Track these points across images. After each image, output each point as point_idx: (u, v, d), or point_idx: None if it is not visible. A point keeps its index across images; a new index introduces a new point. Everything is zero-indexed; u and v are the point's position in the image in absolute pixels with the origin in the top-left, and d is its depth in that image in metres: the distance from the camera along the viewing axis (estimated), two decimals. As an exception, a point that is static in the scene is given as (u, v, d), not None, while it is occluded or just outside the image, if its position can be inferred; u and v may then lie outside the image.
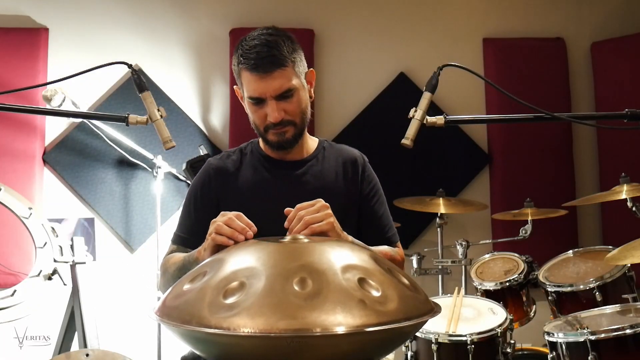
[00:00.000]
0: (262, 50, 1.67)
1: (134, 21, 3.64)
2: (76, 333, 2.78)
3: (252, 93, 1.71)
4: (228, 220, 1.42)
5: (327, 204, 1.51)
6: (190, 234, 1.80)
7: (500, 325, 2.37)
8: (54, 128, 3.50)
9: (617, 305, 2.38)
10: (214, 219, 1.46)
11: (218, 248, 1.41)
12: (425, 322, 1.16)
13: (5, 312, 2.57)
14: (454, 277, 3.45)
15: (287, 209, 1.50)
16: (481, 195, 3.81)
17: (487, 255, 3.14)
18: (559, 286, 2.70)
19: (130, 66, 1.59)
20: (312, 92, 1.82)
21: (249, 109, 1.76)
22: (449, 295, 2.68)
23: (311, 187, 1.80)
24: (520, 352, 2.82)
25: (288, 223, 1.48)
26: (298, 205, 1.49)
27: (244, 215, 1.45)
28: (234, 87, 1.83)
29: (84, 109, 3.25)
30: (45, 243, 2.81)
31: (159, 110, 1.61)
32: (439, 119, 1.58)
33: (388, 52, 3.84)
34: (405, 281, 1.20)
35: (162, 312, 1.17)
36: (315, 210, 1.48)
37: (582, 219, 3.87)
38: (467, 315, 2.51)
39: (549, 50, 3.89)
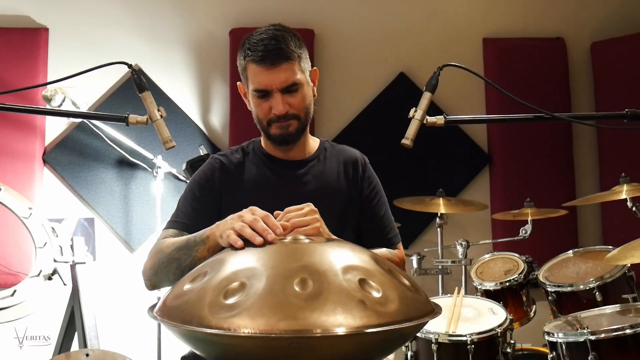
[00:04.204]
0: (269, 43, 1.69)
1: (134, 21, 3.64)
2: (76, 333, 2.78)
3: (257, 85, 1.71)
4: (253, 221, 1.35)
5: (316, 208, 1.49)
6: (191, 220, 1.74)
7: (500, 325, 2.37)
8: (54, 128, 3.50)
9: (617, 305, 2.38)
10: (241, 212, 1.40)
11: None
12: (425, 323, 1.16)
13: (5, 312, 2.58)
14: (454, 277, 3.45)
15: (276, 212, 1.48)
16: (481, 195, 3.81)
17: (487, 255, 3.14)
18: (559, 286, 2.70)
19: (130, 66, 1.59)
20: (315, 91, 1.82)
21: (253, 102, 1.76)
22: (449, 295, 2.68)
23: (312, 187, 1.80)
24: (520, 352, 2.82)
25: None
26: (287, 209, 1.48)
27: (272, 217, 1.39)
28: (238, 83, 1.83)
29: (84, 109, 3.25)
30: (45, 243, 2.81)
31: (159, 110, 1.61)
32: (439, 119, 1.58)
33: (388, 52, 3.84)
34: (406, 282, 1.20)
35: (163, 312, 1.17)
36: (302, 214, 1.46)
37: (582, 219, 3.87)
38: (467, 315, 2.51)
39: (549, 50, 3.89)
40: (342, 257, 1.18)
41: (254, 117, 1.80)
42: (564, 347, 2.16)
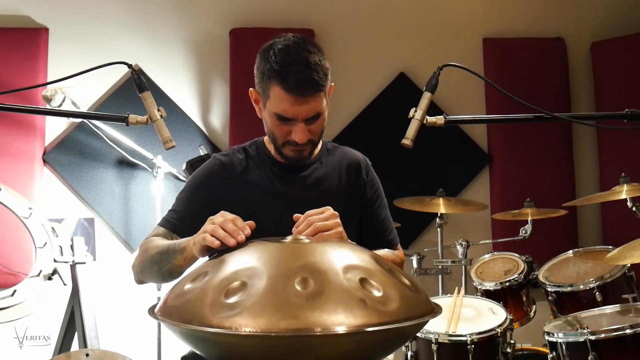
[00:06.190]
0: (302, 71, 1.61)
1: (134, 21, 3.64)
2: (76, 333, 2.78)
3: (282, 112, 1.65)
4: (224, 222, 1.37)
5: (336, 212, 1.49)
6: (181, 221, 1.76)
7: (500, 325, 2.38)
8: (54, 128, 3.50)
9: (617, 305, 2.38)
10: (211, 217, 1.41)
11: (207, 247, 1.37)
12: (426, 322, 1.17)
13: (5, 312, 2.58)
14: (454, 277, 3.45)
15: (295, 215, 1.48)
16: (481, 195, 3.81)
17: (487, 255, 3.14)
18: (559, 286, 2.70)
19: (130, 66, 1.59)
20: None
21: (271, 122, 1.71)
22: (449, 295, 2.68)
23: (315, 189, 1.80)
24: (520, 352, 2.82)
25: (296, 229, 1.45)
26: (308, 212, 1.47)
27: (240, 219, 1.39)
28: (251, 89, 1.77)
29: (84, 109, 3.25)
30: (45, 243, 2.81)
31: (159, 110, 1.61)
32: (439, 119, 1.58)
33: (388, 52, 3.84)
34: (406, 281, 1.20)
35: (163, 312, 1.17)
36: (324, 218, 1.45)
37: (582, 219, 3.87)
38: (467, 315, 2.51)
39: (549, 50, 3.89)
40: (342, 257, 1.18)
41: (266, 131, 1.77)
42: (564, 347, 2.16)
